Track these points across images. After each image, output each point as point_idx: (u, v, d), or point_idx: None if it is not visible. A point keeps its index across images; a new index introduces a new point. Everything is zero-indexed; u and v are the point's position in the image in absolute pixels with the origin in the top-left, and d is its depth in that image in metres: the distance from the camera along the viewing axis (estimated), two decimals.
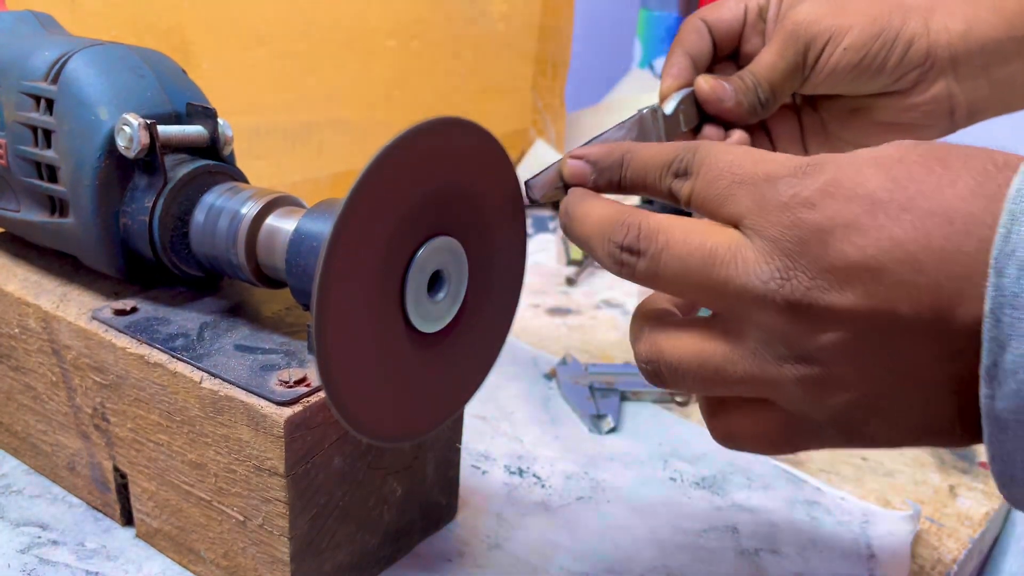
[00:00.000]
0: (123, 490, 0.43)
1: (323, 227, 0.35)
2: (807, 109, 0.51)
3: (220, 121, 0.42)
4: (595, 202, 0.33)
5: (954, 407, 0.26)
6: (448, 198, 0.33)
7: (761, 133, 0.51)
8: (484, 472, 0.52)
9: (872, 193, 0.25)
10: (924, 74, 0.45)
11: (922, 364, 0.25)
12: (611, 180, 0.34)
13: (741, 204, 0.28)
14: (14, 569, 0.41)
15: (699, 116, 0.47)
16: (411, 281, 0.33)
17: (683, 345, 0.30)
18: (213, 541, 0.39)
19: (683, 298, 0.32)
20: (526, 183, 0.36)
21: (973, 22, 0.44)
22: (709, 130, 0.48)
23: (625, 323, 0.77)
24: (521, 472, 0.52)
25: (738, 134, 0.48)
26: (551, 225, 1.03)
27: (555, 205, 1.08)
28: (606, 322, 0.77)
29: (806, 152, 0.52)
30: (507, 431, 0.57)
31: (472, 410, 0.58)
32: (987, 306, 0.23)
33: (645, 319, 0.33)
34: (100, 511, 0.45)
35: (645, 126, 0.42)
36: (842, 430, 0.28)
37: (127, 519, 0.44)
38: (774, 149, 0.51)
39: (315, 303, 0.29)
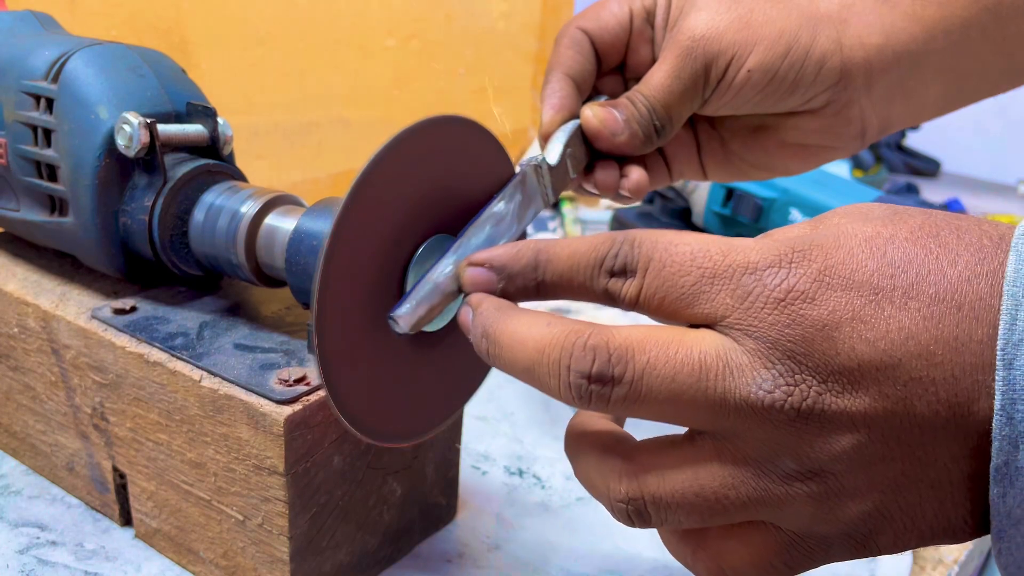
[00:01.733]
0: (122, 490, 0.43)
1: (323, 225, 0.35)
2: (704, 125, 0.46)
3: (220, 120, 0.42)
4: (524, 318, 0.27)
5: (969, 505, 0.24)
6: (448, 196, 0.33)
7: (656, 156, 0.46)
8: (484, 473, 0.52)
9: (871, 280, 0.23)
10: (837, 94, 0.41)
11: (939, 465, 0.23)
12: (524, 287, 0.29)
13: (719, 302, 0.25)
14: (13, 570, 0.41)
15: (588, 154, 0.42)
16: (411, 279, 0.33)
17: (674, 477, 0.26)
18: (212, 541, 0.39)
19: (666, 421, 0.26)
20: (389, 318, 0.31)
21: (891, 33, 0.40)
22: (603, 173, 0.42)
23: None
24: (521, 473, 0.52)
25: (636, 172, 0.42)
26: (551, 225, 1.03)
27: (555, 204, 1.08)
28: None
29: (704, 174, 0.48)
30: (507, 432, 0.57)
31: (472, 410, 0.58)
32: (997, 402, 0.21)
33: (605, 450, 0.28)
34: (99, 511, 0.45)
35: (529, 187, 0.36)
36: (852, 544, 0.26)
37: (126, 519, 0.44)
38: (670, 172, 0.47)
39: (315, 301, 0.29)
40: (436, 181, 0.33)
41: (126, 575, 0.41)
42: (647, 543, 0.46)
